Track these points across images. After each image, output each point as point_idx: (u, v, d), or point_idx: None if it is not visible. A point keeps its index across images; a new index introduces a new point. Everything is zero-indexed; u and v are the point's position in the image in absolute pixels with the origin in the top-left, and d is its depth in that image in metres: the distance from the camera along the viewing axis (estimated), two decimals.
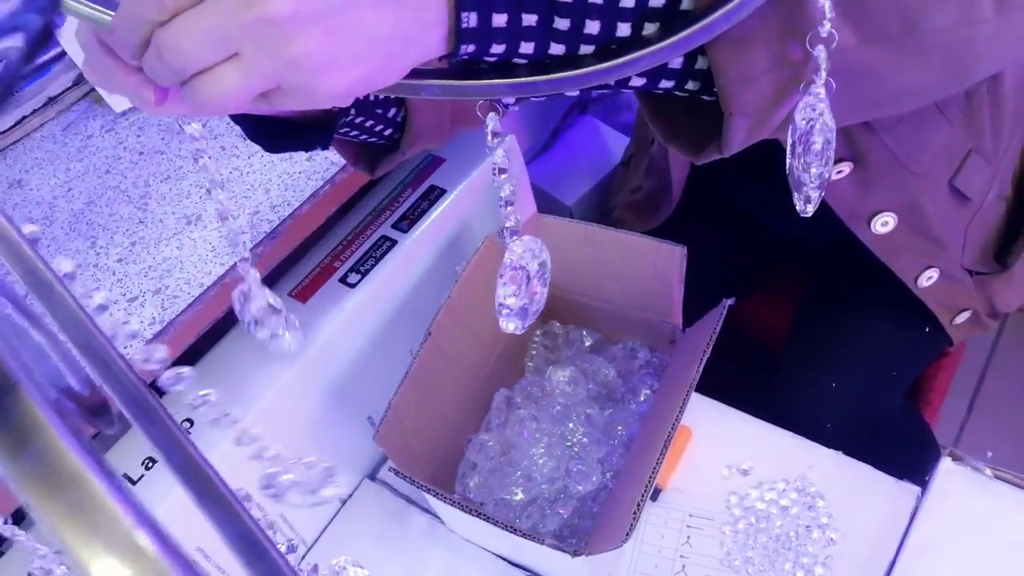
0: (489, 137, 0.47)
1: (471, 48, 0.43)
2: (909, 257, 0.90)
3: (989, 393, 1.62)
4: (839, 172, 0.82)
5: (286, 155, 0.88)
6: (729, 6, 0.41)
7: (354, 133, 0.65)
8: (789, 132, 0.48)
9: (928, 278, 0.92)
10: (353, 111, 0.62)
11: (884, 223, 0.86)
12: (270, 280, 0.87)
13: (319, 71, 0.39)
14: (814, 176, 0.48)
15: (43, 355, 0.26)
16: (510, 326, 0.56)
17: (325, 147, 0.62)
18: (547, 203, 1.39)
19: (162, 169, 0.89)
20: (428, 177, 0.96)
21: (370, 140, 0.68)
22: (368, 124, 0.65)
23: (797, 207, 0.51)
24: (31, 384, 0.16)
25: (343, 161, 0.86)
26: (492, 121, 0.47)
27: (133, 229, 0.84)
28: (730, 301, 0.84)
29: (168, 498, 0.74)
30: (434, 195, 0.94)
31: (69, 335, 0.26)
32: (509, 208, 0.49)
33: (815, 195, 0.50)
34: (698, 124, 0.51)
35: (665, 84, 0.48)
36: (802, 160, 0.48)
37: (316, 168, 0.86)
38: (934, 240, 0.89)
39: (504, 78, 0.44)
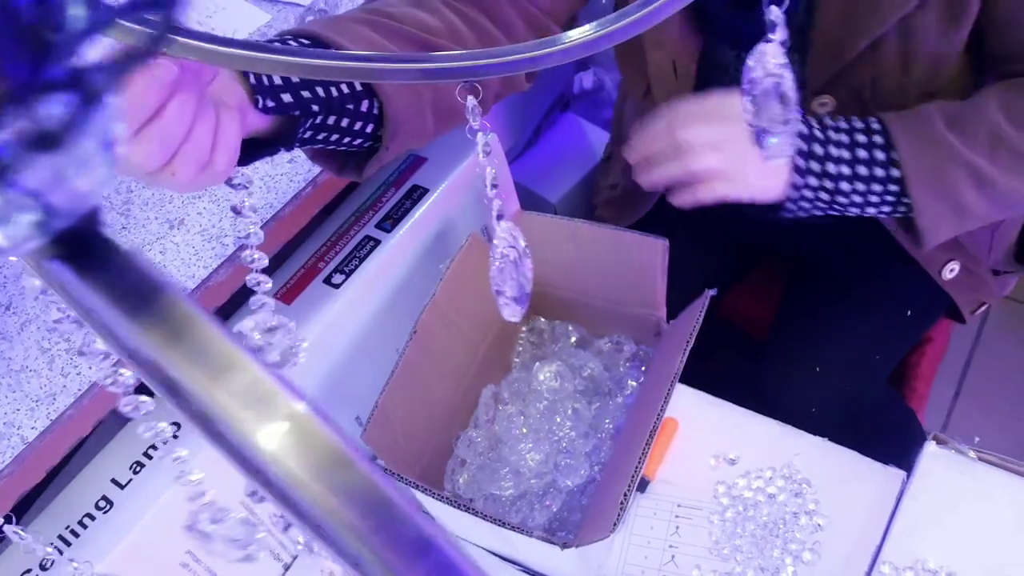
0: (471, 120, 0.49)
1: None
2: (934, 252, 0.93)
3: (975, 380, 1.63)
4: None
5: (267, 157, 0.88)
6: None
7: (334, 138, 0.65)
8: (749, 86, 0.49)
9: (951, 270, 0.96)
10: (321, 114, 0.62)
11: None
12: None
13: None
14: (776, 135, 0.50)
15: None
16: (512, 313, 0.57)
17: (289, 149, 0.63)
18: (531, 201, 1.40)
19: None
20: (410, 177, 0.96)
21: (353, 143, 0.68)
22: (344, 124, 0.65)
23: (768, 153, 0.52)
24: (173, 286, 0.17)
25: None
26: (471, 103, 0.49)
27: (116, 235, 0.84)
28: (712, 292, 0.85)
29: (156, 502, 0.74)
30: (417, 194, 0.94)
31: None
32: (494, 190, 0.50)
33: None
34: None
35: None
36: (763, 118, 0.49)
37: (298, 169, 0.87)
38: (958, 242, 0.94)
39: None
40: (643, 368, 0.98)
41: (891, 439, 1.06)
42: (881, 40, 0.78)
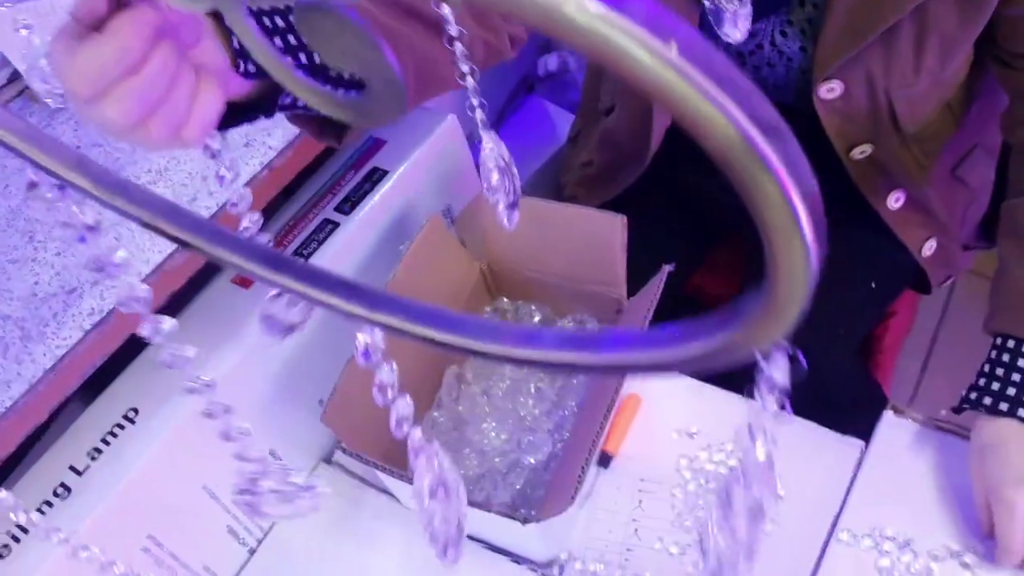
0: (460, 65, 0.50)
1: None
2: (916, 231, 0.97)
3: (942, 353, 1.65)
4: (862, 152, 0.88)
5: (247, 124, 0.87)
6: None
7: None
8: None
9: (929, 248, 0.99)
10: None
11: (896, 199, 0.94)
12: (214, 267, 0.87)
13: None
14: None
15: None
16: (510, 220, 0.58)
17: (269, 115, 0.62)
18: None
19: (100, 162, 0.89)
20: (370, 159, 0.96)
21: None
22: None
23: (728, 34, 0.54)
24: None
25: (281, 145, 0.86)
26: (460, 49, 0.50)
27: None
28: (669, 267, 0.85)
29: (115, 489, 0.74)
30: (376, 176, 0.94)
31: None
32: (476, 101, 0.52)
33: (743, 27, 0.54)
34: None
35: None
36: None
37: (253, 153, 0.86)
38: (935, 216, 0.97)
39: None
40: None
41: (857, 412, 1.07)
42: (897, 24, 0.78)
